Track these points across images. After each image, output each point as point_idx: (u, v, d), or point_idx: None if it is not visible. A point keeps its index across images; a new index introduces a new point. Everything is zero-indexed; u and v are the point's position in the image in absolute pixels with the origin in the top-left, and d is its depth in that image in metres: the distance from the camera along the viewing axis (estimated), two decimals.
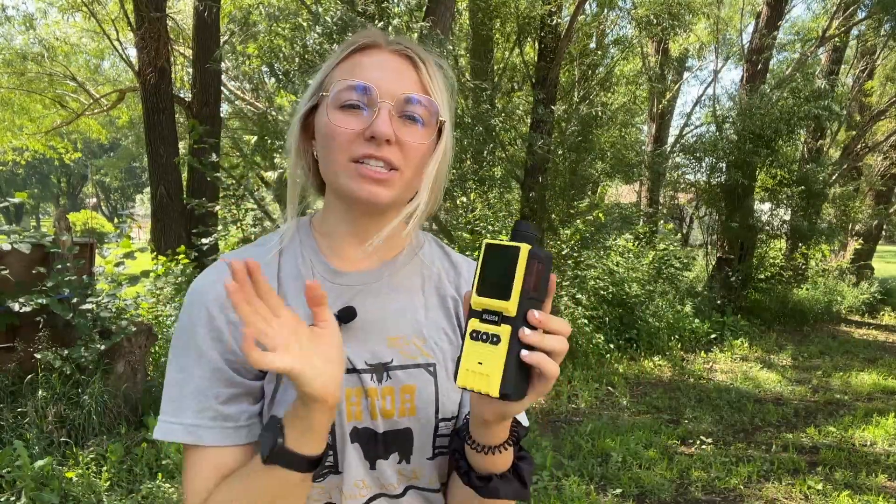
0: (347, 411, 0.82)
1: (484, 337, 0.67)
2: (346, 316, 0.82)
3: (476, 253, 0.67)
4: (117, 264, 4.61)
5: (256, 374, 0.82)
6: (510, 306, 0.66)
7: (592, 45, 9.02)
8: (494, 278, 0.67)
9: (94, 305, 4.23)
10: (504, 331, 0.66)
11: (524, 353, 0.66)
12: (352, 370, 0.82)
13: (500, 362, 0.66)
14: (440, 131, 0.85)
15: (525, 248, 0.66)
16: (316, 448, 0.72)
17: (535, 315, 0.66)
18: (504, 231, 7.42)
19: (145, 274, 4.74)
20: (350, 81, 0.80)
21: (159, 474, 3.60)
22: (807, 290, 10.29)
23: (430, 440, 0.85)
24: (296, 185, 0.89)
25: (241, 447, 0.80)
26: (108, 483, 3.46)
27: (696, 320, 8.03)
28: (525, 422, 0.90)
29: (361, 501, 0.82)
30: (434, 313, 0.90)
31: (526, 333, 0.65)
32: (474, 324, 0.68)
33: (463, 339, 0.69)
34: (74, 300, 4.20)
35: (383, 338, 0.85)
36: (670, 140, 13.76)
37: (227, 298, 0.74)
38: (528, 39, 8.24)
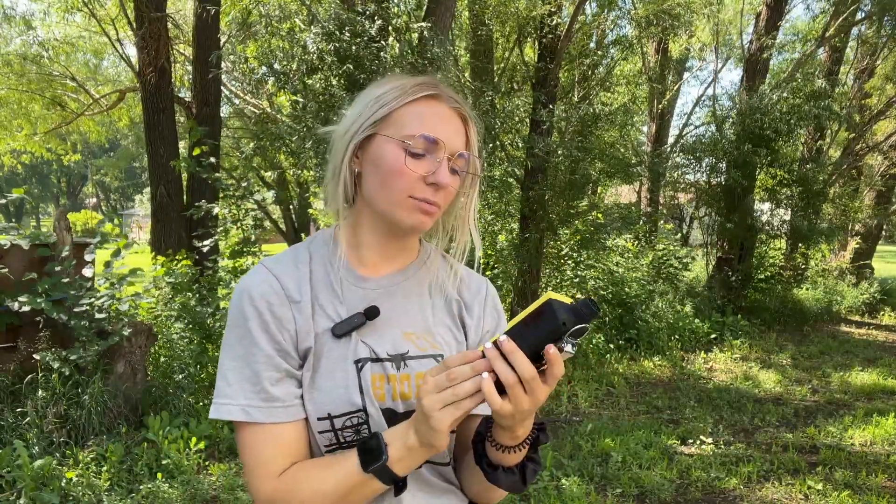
0: (374, 394, 0.94)
1: None
2: (371, 314, 0.97)
3: (535, 302, 0.75)
4: (106, 264, 4.59)
5: (298, 362, 0.95)
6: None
7: (592, 45, 9.02)
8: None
9: (88, 307, 4.21)
10: None
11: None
12: (376, 359, 0.96)
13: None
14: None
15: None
16: (406, 472, 0.87)
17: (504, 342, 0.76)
18: (502, 231, 7.42)
19: (133, 272, 4.70)
20: (424, 132, 0.94)
21: (159, 474, 3.60)
22: (807, 290, 10.29)
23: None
24: (338, 198, 1.03)
25: (291, 423, 0.93)
26: (108, 483, 3.46)
27: (696, 320, 8.03)
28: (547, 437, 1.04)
29: None
30: (440, 313, 1.06)
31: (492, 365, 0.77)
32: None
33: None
34: (70, 302, 4.19)
35: (400, 333, 1.00)
36: (670, 140, 13.76)
37: (270, 297, 0.93)
38: (528, 39, 8.24)
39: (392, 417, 0.95)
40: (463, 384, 0.78)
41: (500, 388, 0.77)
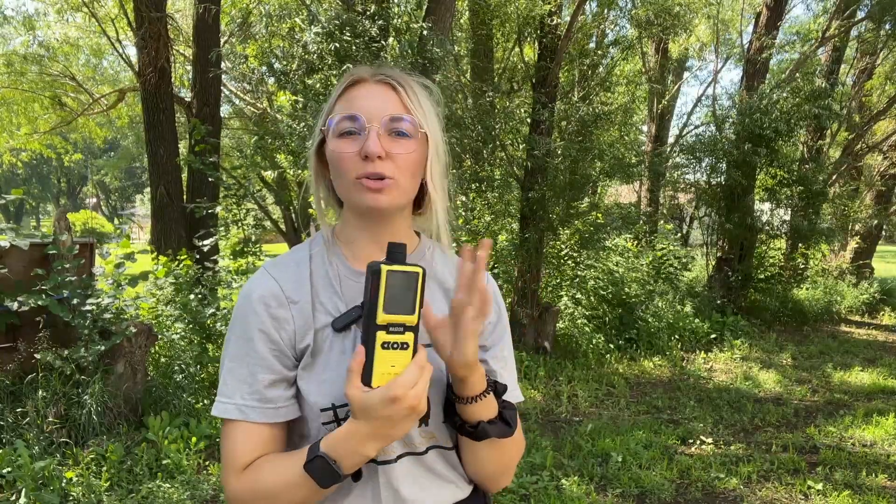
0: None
1: (394, 346, 0.84)
2: None
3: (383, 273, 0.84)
4: (117, 265, 4.61)
5: (293, 363, 0.99)
6: (414, 318, 0.85)
7: (592, 45, 9.01)
8: (399, 297, 0.84)
9: (94, 307, 4.22)
10: (409, 337, 0.85)
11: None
12: None
13: (410, 361, 0.85)
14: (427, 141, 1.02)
15: (421, 271, 0.84)
16: (361, 465, 0.91)
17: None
18: (502, 231, 7.42)
19: (144, 276, 4.73)
20: (343, 114, 0.98)
21: (159, 474, 3.60)
22: (807, 290, 10.29)
23: (443, 406, 1.01)
24: (319, 204, 1.09)
25: (277, 425, 0.98)
26: (108, 483, 3.46)
27: (696, 320, 8.03)
28: (519, 397, 1.11)
29: (393, 457, 0.98)
30: (439, 304, 1.07)
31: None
32: (382, 336, 0.84)
33: (370, 349, 0.84)
34: (74, 301, 4.19)
35: None
36: (670, 140, 13.77)
37: (269, 299, 0.98)
38: (528, 39, 8.23)
39: None
40: (417, 390, 0.84)
41: None
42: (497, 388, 0.99)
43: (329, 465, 0.87)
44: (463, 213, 7.08)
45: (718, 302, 8.87)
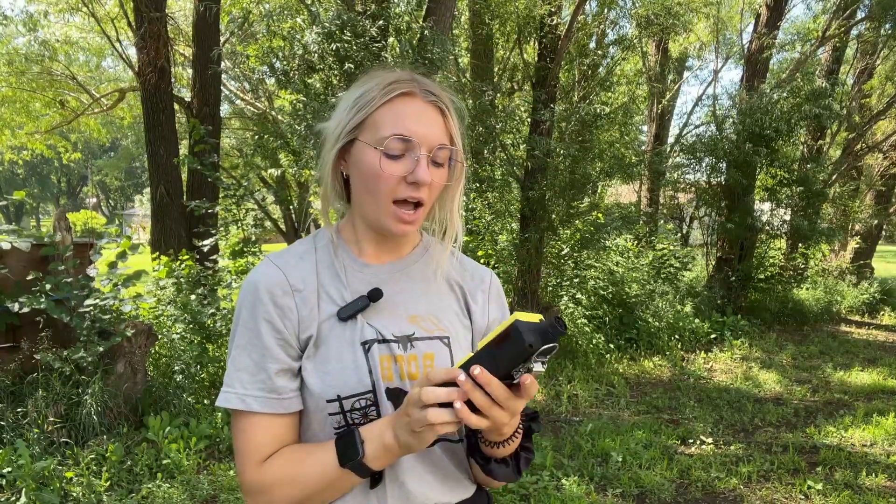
0: (381, 374, 0.97)
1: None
2: (374, 295, 1.00)
3: (505, 323, 0.78)
4: (111, 265, 4.59)
5: (298, 353, 0.98)
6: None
7: (592, 45, 9.01)
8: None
9: (92, 308, 4.22)
10: None
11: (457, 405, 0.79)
12: (382, 340, 0.98)
13: None
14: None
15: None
16: (383, 467, 0.91)
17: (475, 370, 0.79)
18: (502, 231, 7.42)
19: (137, 275, 4.71)
20: (396, 133, 0.94)
21: (159, 474, 3.60)
22: (807, 289, 10.28)
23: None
24: (328, 200, 1.07)
25: (285, 416, 0.97)
26: (108, 483, 3.46)
27: (696, 320, 8.02)
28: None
29: None
30: (446, 298, 1.09)
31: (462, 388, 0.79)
32: (467, 367, 0.80)
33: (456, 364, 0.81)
34: (73, 302, 4.19)
35: (406, 316, 1.02)
36: (670, 140, 13.76)
37: (274, 288, 0.97)
38: (529, 39, 8.23)
39: (400, 397, 0.97)
40: (441, 413, 0.80)
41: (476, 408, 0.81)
42: (531, 429, 1.00)
43: (354, 442, 0.88)
44: (463, 214, 7.07)
45: (718, 302, 8.87)
